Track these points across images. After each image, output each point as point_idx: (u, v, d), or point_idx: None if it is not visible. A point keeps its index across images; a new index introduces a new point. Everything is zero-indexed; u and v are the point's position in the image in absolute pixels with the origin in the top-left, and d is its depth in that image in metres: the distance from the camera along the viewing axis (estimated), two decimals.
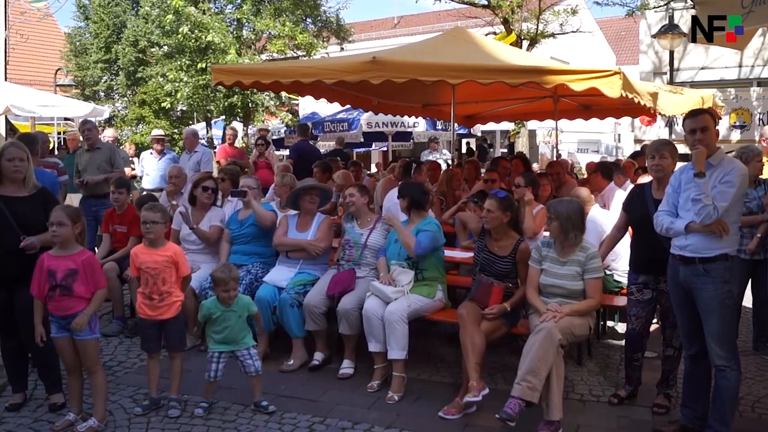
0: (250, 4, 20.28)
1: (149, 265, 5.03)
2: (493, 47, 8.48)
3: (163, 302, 5.03)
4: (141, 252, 5.12)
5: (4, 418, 5.02)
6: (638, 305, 5.26)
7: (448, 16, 25.89)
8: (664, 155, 5.02)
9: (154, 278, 5.00)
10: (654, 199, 5.06)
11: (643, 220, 5.10)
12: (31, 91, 15.92)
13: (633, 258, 5.33)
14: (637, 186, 5.59)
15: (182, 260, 5.19)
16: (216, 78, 7.92)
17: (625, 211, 5.47)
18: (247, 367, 5.10)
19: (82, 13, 30.52)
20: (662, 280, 5.07)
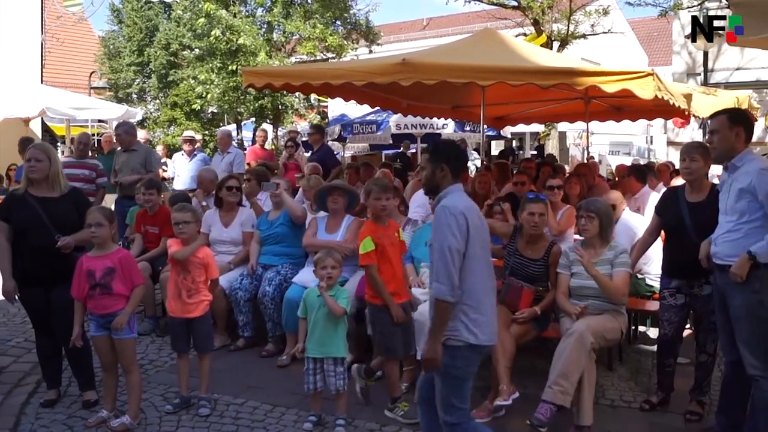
0: (281, 6, 20.40)
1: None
2: (523, 48, 8.43)
3: (191, 299, 5.09)
4: (177, 245, 5.18)
5: (39, 414, 5.10)
6: (671, 310, 5.19)
7: (478, 18, 25.82)
8: (694, 158, 4.94)
9: (184, 274, 5.07)
10: (687, 203, 5.00)
11: (675, 223, 5.04)
12: (66, 93, 16.18)
13: (666, 262, 5.27)
14: (671, 189, 5.53)
15: (212, 263, 5.25)
16: (247, 80, 7.97)
17: (658, 214, 5.40)
18: (329, 384, 4.89)
19: (115, 17, 31.00)
20: (696, 285, 5.01)
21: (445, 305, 3.64)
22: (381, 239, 5.00)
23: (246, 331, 6.57)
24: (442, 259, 3.63)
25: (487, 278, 3.85)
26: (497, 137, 19.83)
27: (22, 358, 6.30)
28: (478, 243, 3.73)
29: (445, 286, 3.61)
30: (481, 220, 3.86)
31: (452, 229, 3.63)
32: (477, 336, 3.73)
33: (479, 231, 3.76)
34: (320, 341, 4.88)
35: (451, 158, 3.91)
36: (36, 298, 5.04)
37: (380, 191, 5.21)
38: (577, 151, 25.24)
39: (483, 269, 3.80)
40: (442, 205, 3.76)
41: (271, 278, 6.43)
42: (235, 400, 5.28)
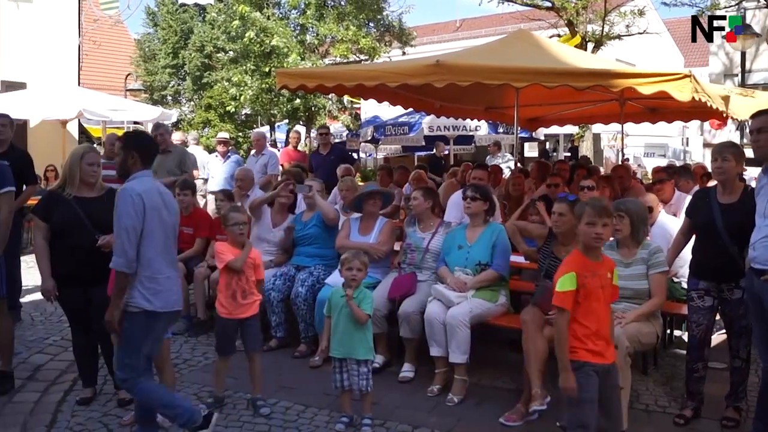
0: (314, 9, 20.48)
1: None
2: (557, 50, 8.38)
3: (245, 299, 5.13)
4: (228, 250, 5.17)
5: (75, 412, 5.17)
6: (698, 312, 5.09)
7: (511, 19, 25.74)
8: (726, 158, 4.86)
9: (239, 276, 5.10)
10: (719, 204, 4.92)
11: (706, 224, 4.96)
12: (102, 95, 16.40)
13: (694, 263, 5.17)
14: (702, 189, 5.46)
15: (261, 263, 5.33)
16: (281, 82, 8.02)
17: (688, 216, 5.31)
18: (353, 384, 4.89)
19: (151, 19, 31.38)
20: (725, 288, 4.93)
21: (122, 276, 4.14)
22: (589, 279, 3.89)
23: (279, 332, 6.60)
24: (120, 236, 4.13)
25: (164, 252, 4.32)
26: (530, 139, 19.73)
27: (59, 356, 6.40)
28: (156, 221, 4.23)
29: (122, 260, 4.11)
30: (164, 201, 4.35)
31: (129, 209, 4.13)
32: (152, 303, 4.20)
33: (158, 211, 4.26)
34: (341, 341, 4.90)
35: (141, 147, 4.49)
36: (75, 297, 5.11)
37: (595, 214, 3.93)
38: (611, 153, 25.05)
39: (160, 245, 4.28)
40: (123, 188, 4.27)
41: (303, 279, 6.45)
42: (268, 400, 5.29)
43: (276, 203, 7.14)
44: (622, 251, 5.10)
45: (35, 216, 5.14)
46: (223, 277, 5.14)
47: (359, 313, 4.83)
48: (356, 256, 4.97)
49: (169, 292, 4.32)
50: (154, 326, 4.30)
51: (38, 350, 6.52)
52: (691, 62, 33.17)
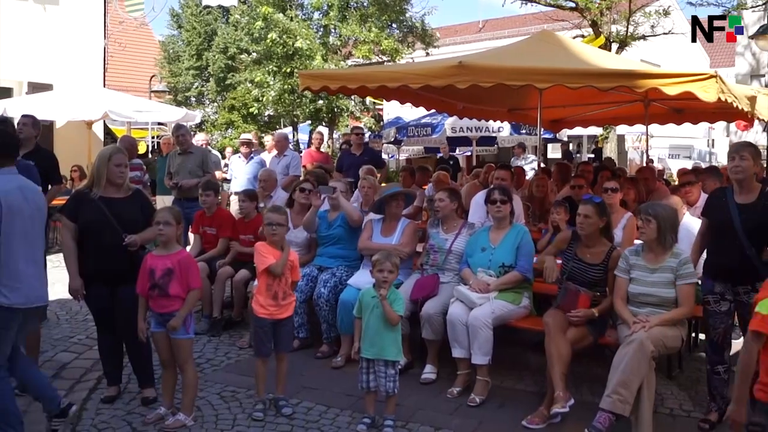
0: (337, 10, 20.53)
1: None
2: (581, 50, 8.32)
3: (285, 301, 5.15)
4: (270, 252, 5.16)
5: (100, 410, 5.22)
6: (715, 316, 5.03)
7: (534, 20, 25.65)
8: (744, 156, 4.80)
9: (279, 278, 5.11)
10: (736, 204, 4.86)
11: (723, 224, 4.91)
12: (127, 96, 16.57)
13: (708, 264, 5.10)
14: (718, 189, 5.39)
15: (297, 265, 5.34)
16: (303, 83, 8.04)
17: (705, 216, 5.26)
18: (379, 385, 4.92)
19: (175, 21, 31.64)
20: (741, 291, 4.87)
21: None
22: None
23: (301, 332, 6.62)
24: None
25: (25, 248, 4.30)
26: (554, 140, 19.65)
27: (84, 354, 6.46)
28: (16, 220, 4.20)
29: None
30: (24, 197, 4.30)
31: None
32: (9, 299, 4.17)
33: (18, 210, 4.22)
34: (372, 342, 4.90)
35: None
36: (101, 296, 5.17)
37: None
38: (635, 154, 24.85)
39: (20, 243, 4.25)
40: None
41: (326, 280, 6.47)
42: (290, 400, 5.31)
43: (296, 204, 7.16)
44: (648, 256, 5.02)
45: (63, 216, 5.20)
46: (264, 279, 5.13)
47: (392, 313, 4.84)
48: (387, 258, 4.96)
49: (30, 288, 4.31)
50: (11, 322, 4.26)
51: (64, 349, 6.60)
52: (717, 63, 32.86)
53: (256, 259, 5.20)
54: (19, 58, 15.71)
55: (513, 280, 5.78)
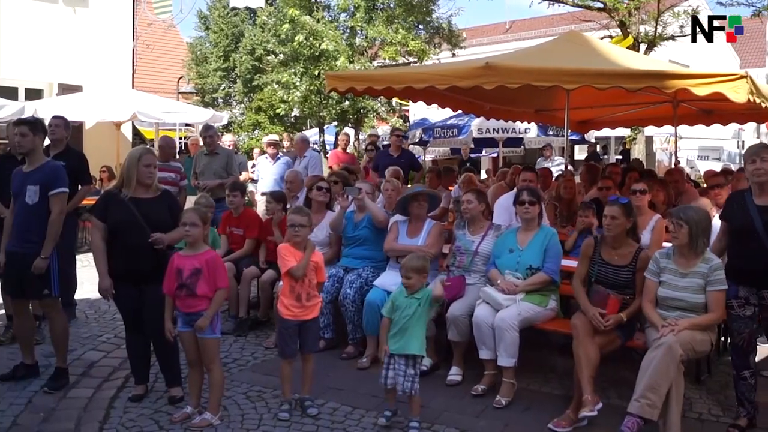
0: (363, 12, 20.54)
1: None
2: (609, 51, 8.27)
3: (309, 301, 5.16)
4: (291, 254, 5.16)
5: (127, 408, 5.27)
6: (739, 321, 4.97)
7: (562, 20, 25.50)
8: (765, 158, 4.75)
9: (303, 279, 5.12)
10: (757, 206, 4.81)
11: (743, 228, 4.86)
12: (155, 98, 16.70)
13: (731, 268, 5.01)
14: (736, 192, 5.33)
15: (322, 266, 5.34)
16: (330, 84, 8.06)
17: (724, 219, 5.18)
18: (397, 383, 4.93)
19: (203, 23, 31.86)
20: (766, 295, 4.81)
21: None
22: None
23: (326, 333, 6.63)
24: None
25: None
26: (581, 141, 19.51)
27: (112, 353, 6.53)
28: None
29: None
30: None
31: None
32: None
33: None
34: (398, 338, 4.92)
35: None
36: (129, 296, 5.22)
37: None
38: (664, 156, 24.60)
39: None
40: None
41: (352, 281, 6.47)
42: (316, 400, 5.32)
43: (313, 203, 7.18)
44: (679, 261, 4.96)
45: (93, 216, 5.26)
46: (287, 281, 5.15)
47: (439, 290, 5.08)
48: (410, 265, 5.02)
49: None
50: None
51: (92, 347, 6.67)
52: (747, 63, 32.46)
53: (279, 261, 5.23)
54: (50, 60, 15.90)
55: (540, 281, 5.75)
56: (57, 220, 5.57)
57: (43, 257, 5.48)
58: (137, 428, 4.93)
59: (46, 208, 5.53)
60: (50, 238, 5.53)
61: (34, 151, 5.70)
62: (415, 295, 4.96)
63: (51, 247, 5.54)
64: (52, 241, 5.54)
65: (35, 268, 5.45)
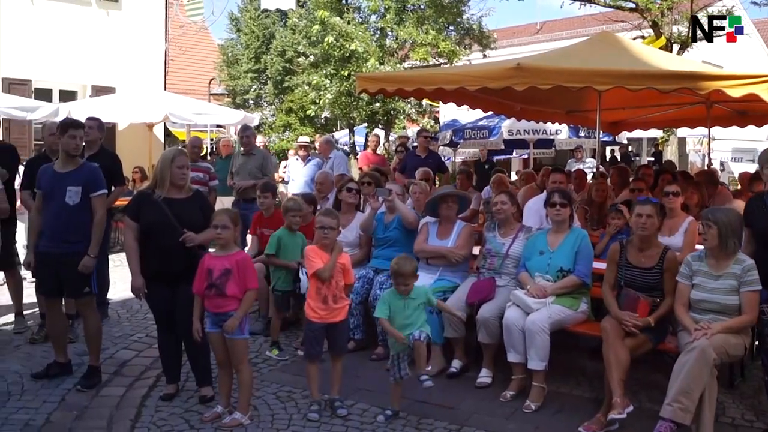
0: (394, 13, 20.56)
1: None
2: (641, 52, 8.20)
3: (336, 304, 5.17)
4: (318, 256, 5.17)
5: (159, 407, 5.32)
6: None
7: (593, 21, 25.31)
8: None
9: (329, 281, 5.13)
10: None
11: (766, 231, 4.77)
12: (187, 99, 16.86)
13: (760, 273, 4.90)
14: (755, 196, 5.27)
15: (350, 268, 5.35)
16: (361, 86, 8.08)
17: (747, 225, 5.10)
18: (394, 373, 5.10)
19: (234, 25, 32.10)
20: None
21: None
22: None
23: (356, 334, 6.64)
24: None
25: None
26: (613, 143, 19.35)
27: (144, 352, 6.59)
28: None
29: None
30: None
31: None
32: None
33: None
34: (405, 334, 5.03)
35: None
36: (161, 295, 5.28)
37: None
38: (697, 157, 24.31)
39: None
40: None
41: (382, 282, 6.47)
42: (345, 401, 5.32)
43: (342, 204, 7.20)
44: (710, 262, 4.90)
45: (126, 216, 5.32)
46: (313, 283, 5.16)
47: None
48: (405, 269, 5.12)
49: None
50: None
51: (124, 346, 6.74)
52: None
53: (306, 263, 5.26)
54: (83, 62, 16.11)
55: (570, 284, 5.71)
56: (102, 221, 5.69)
57: (92, 256, 5.58)
58: (168, 427, 4.98)
59: (86, 209, 5.62)
60: (96, 239, 5.64)
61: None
62: (410, 295, 5.06)
63: (98, 246, 5.64)
64: (98, 241, 5.65)
65: (84, 267, 5.54)
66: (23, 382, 5.73)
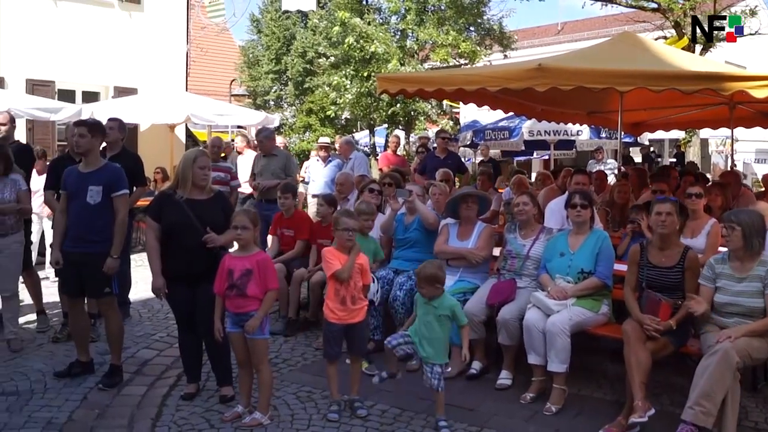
0: (414, 14, 20.56)
1: None
2: (664, 52, 8.14)
3: (355, 305, 5.18)
4: (336, 257, 5.17)
5: (179, 406, 5.35)
6: None
7: (615, 21, 25.16)
8: None
9: (347, 282, 5.13)
10: None
11: None
12: (208, 100, 16.95)
13: None
14: None
15: (367, 269, 5.35)
16: (381, 86, 8.08)
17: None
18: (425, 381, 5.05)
19: (255, 26, 32.25)
20: None
21: None
22: None
23: (376, 335, 6.63)
24: None
25: None
26: (634, 144, 19.20)
27: (165, 351, 6.63)
28: None
29: None
30: None
31: None
32: None
33: None
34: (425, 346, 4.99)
35: None
36: (182, 295, 5.31)
37: None
38: (719, 158, 24.10)
39: None
40: None
41: (402, 283, 6.47)
42: (365, 402, 5.33)
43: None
44: (734, 264, 4.86)
45: (148, 216, 5.35)
46: (332, 284, 5.16)
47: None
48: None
49: None
50: None
51: (145, 346, 6.79)
52: None
53: (324, 265, 5.27)
54: (106, 64, 16.22)
55: (591, 286, 5.68)
56: (123, 221, 5.73)
57: (114, 257, 5.62)
58: (189, 426, 5.01)
59: (107, 209, 5.65)
60: (119, 239, 5.67)
61: (91, 151, 5.82)
62: (433, 303, 4.99)
63: (120, 246, 5.68)
64: (120, 241, 5.69)
65: (108, 268, 5.58)
66: (46, 380, 5.79)
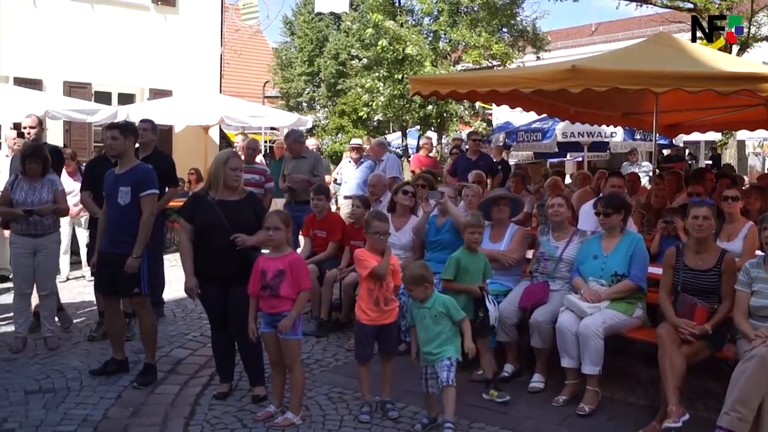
0: (447, 15, 20.52)
1: None
2: (700, 53, 8.02)
3: (387, 306, 5.19)
4: (370, 257, 5.19)
5: (212, 406, 5.40)
6: None
7: (650, 22, 24.83)
8: None
9: (380, 283, 5.14)
10: None
11: None
12: (242, 102, 17.08)
13: None
14: None
15: (398, 269, 5.35)
16: (414, 88, 8.07)
17: None
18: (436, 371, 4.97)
19: (288, 29, 32.43)
20: None
21: None
22: None
23: (407, 336, 6.62)
24: None
25: None
26: (669, 146, 18.98)
27: (198, 351, 6.69)
28: None
29: None
30: None
31: None
32: None
33: None
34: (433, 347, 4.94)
35: None
36: (215, 295, 5.36)
37: None
38: (756, 161, 23.75)
39: None
40: None
41: (434, 284, 6.44)
42: (396, 403, 5.32)
43: (398, 207, 7.20)
44: None
45: (181, 217, 5.41)
46: (365, 285, 5.17)
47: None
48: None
49: None
50: None
51: (179, 345, 6.86)
52: None
53: (357, 265, 5.28)
54: (141, 66, 16.39)
55: (625, 289, 5.62)
56: (148, 221, 5.76)
57: (135, 257, 5.67)
58: (221, 425, 5.05)
59: (137, 209, 5.72)
60: (141, 239, 5.72)
61: (125, 153, 5.90)
62: (425, 304, 4.97)
63: (142, 247, 5.73)
64: (143, 241, 5.73)
65: (128, 267, 5.64)
66: (82, 378, 5.87)
